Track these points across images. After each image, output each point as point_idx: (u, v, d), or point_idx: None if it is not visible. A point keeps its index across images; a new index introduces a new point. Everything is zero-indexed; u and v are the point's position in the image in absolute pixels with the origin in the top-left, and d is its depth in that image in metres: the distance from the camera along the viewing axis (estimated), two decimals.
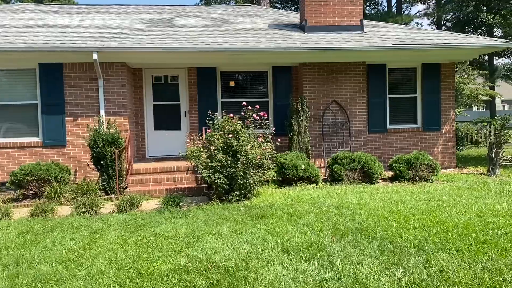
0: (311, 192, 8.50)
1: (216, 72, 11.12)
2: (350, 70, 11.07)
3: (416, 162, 9.68)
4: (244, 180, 7.62)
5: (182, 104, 11.21)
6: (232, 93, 11.41)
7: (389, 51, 10.17)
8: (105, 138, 8.79)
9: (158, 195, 8.80)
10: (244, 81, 11.49)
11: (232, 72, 11.38)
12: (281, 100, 11.23)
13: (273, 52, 9.85)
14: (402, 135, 11.74)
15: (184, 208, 7.60)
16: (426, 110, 11.75)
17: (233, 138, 7.73)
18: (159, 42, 9.70)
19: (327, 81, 10.99)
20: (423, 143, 11.82)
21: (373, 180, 9.59)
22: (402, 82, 11.91)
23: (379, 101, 11.54)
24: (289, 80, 11.34)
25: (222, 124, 8.16)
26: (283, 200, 7.85)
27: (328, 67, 10.99)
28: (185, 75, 11.15)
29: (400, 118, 11.87)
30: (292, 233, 5.65)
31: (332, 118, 11.03)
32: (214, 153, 7.68)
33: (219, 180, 7.52)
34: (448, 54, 10.92)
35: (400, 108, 11.87)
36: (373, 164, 9.53)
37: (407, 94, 11.88)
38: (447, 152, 11.90)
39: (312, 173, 9.40)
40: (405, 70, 11.86)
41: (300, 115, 10.42)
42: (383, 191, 8.56)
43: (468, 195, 7.96)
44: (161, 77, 11.22)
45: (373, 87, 11.49)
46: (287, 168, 9.29)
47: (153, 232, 6.01)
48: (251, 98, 11.38)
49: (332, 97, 11.02)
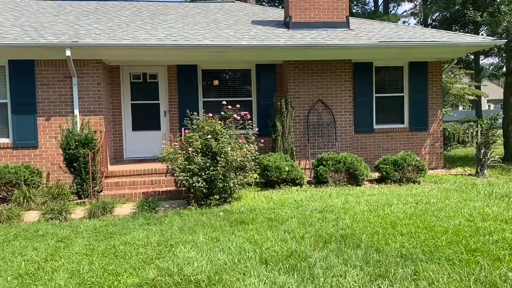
0: (294, 195, 8.15)
1: (197, 70, 10.70)
2: (336, 69, 10.74)
3: (403, 163, 9.39)
4: (223, 184, 7.23)
5: (161, 103, 10.77)
6: (214, 92, 11.01)
7: (375, 49, 9.86)
8: (78, 139, 8.32)
9: (134, 199, 8.36)
10: (226, 80, 11.09)
11: (214, 70, 10.97)
12: (265, 100, 10.86)
13: (256, 49, 9.48)
14: (389, 135, 11.46)
15: (160, 213, 7.18)
16: (413, 109, 11.49)
17: (212, 139, 7.34)
18: (136, 38, 9.25)
19: (312, 80, 10.65)
20: (410, 143, 11.56)
21: (359, 182, 9.27)
22: (389, 80, 11.63)
23: (365, 100, 11.25)
24: (273, 78, 10.98)
25: (201, 125, 7.75)
26: (265, 204, 7.48)
27: (313, 65, 10.65)
28: (164, 73, 10.72)
29: (387, 118, 11.59)
30: (272, 241, 5.28)
31: (318, 118, 10.70)
32: (192, 155, 7.27)
33: (197, 184, 7.11)
34: (436, 52, 10.66)
35: (387, 108, 11.59)
36: (359, 166, 9.21)
37: (394, 93, 11.61)
38: (435, 152, 11.66)
39: (296, 175, 9.05)
40: (392, 69, 11.59)
41: (284, 115, 10.06)
42: (369, 193, 8.24)
43: (456, 197, 7.67)
44: (139, 75, 10.77)
45: (359, 86, 11.19)
46: (270, 170, 8.92)
47: (123, 241, 5.58)
48: (234, 97, 11.00)
49: (317, 96, 10.69)
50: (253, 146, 8.69)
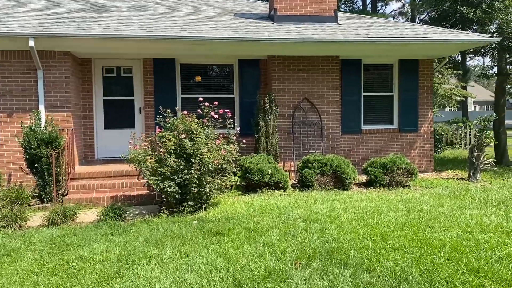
0: (277, 201, 7.53)
1: (175, 64, 10.00)
2: (323, 65, 10.15)
3: (393, 166, 8.85)
4: (199, 189, 6.56)
5: (136, 99, 10.05)
6: (194, 88, 10.32)
7: (365, 44, 9.28)
8: (41, 138, 7.58)
9: (102, 203, 7.65)
10: (207, 75, 10.41)
11: (193, 65, 10.29)
12: (248, 97, 10.22)
13: (238, 42, 8.82)
14: (378, 136, 10.91)
15: (128, 221, 6.50)
16: (403, 109, 10.96)
17: (186, 140, 6.67)
18: (108, 29, 8.52)
19: (298, 77, 10.04)
20: (400, 145, 11.04)
21: (346, 185, 8.70)
22: (378, 79, 11.08)
23: (353, 99, 10.68)
24: (257, 75, 10.34)
25: (175, 123, 7.08)
26: (245, 210, 6.84)
27: (300, 61, 10.04)
28: (140, 67, 10.00)
29: (376, 118, 11.04)
30: (249, 257, 4.65)
31: (303, 117, 10.10)
32: (164, 156, 6.59)
33: (169, 189, 6.44)
34: (428, 49, 10.14)
35: (376, 107, 11.04)
36: (346, 169, 8.63)
37: (383, 92, 11.07)
38: (425, 154, 11.15)
39: (280, 178, 8.43)
40: (382, 67, 11.04)
41: (268, 113, 9.43)
42: (357, 199, 7.66)
43: (450, 204, 7.14)
44: (113, 68, 10.03)
45: (347, 84, 10.62)
46: (252, 173, 8.29)
47: (79, 255, 4.90)
48: (215, 94, 10.33)
49: (303, 94, 10.08)
50: (234, 146, 8.07)
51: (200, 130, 6.87)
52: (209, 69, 10.39)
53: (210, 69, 10.40)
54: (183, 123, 7.02)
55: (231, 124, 8.97)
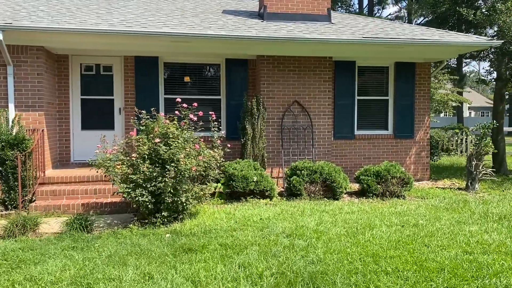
0: (261, 211, 6.96)
1: (158, 63, 9.42)
2: (315, 67, 9.61)
3: (387, 175, 8.31)
4: (174, 198, 5.98)
5: (116, 99, 9.45)
6: (178, 89, 9.74)
7: (359, 45, 8.75)
8: (5, 139, 6.98)
9: (72, 211, 7.05)
10: (192, 75, 9.83)
11: (178, 64, 9.71)
12: (236, 99, 9.66)
13: (224, 40, 8.26)
14: (372, 143, 10.38)
15: (95, 233, 5.91)
16: (398, 115, 10.44)
17: (161, 144, 6.08)
18: (84, 23, 7.93)
19: (288, 78, 9.49)
20: (395, 152, 10.51)
21: (337, 195, 8.15)
22: (372, 82, 10.56)
23: (346, 103, 10.15)
24: (245, 75, 9.78)
25: (151, 125, 6.50)
26: (225, 222, 6.27)
27: (290, 61, 9.49)
28: (120, 65, 9.41)
29: (370, 123, 10.52)
30: (221, 282, 4.07)
31: (293, 121, 9.55)
32: (136, 162, 6.01)
33: (141, 198, 5.85)
34: (425, 52, 9.63)
35: (370, 112, 10.51)
36: (337, 177, 8.09)
37: (378, 96, 10.55)
38: (421, 162, 10.63)
39: (266, 186, 7.87)
40: (377, 69, 10.52)
41: (255, 116, 8.87)
42: (347, 210, 7.11)
43: (448, 218, 6.60)
44: (92, 66, 9.43)
45: (340, 87, 10.09)
46: (235, 180, 7.72)
47: (29, 274, 4.30)
48: (200, 95, 9.78)
49: (293, 96, 9.53)
50: (218, 151, 7.52)
51: (178, 134, 6.29)
52: (194, 68, 9.82)
53: (196, 68, 9.82)
54: (159, 126, 6.44)
55: (215, 127, 8.43)
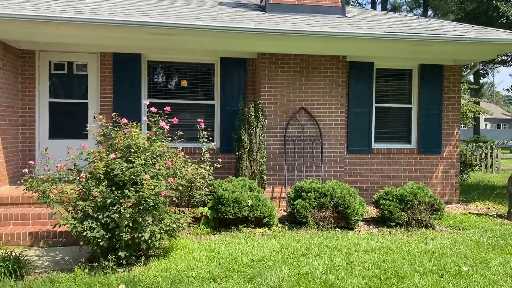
0: (255, 247, 5.44)
1: (140, 61, 8.00)
2: (325, 68, 8.12)
3: (413, 200, 6.75)
4: (134, 234, 4.49)
5: (91, 103, 8.03)
6: (164, 92, 8.32)
7: (379, 41, 7.27)
8: None
9: (17, 242, 5.59)
10: (181, 76, 8.39)
11: (164, 63, 8.29)
12: (232, 105, 8.20)
13: (215, 33, 6.82)
14: (392, 158, 8.83)
15: (30, 277, 4.43)
16: (423, 126, 8.89)
17: (118, 160, 4.61)
18: (46, 10, 6.55)
19: (294, 81, 8.01)
20: (418, 169, 8.94)
21: (352, 224, 6.61)
22: (393, 87, 9.04)
23: (362, 111, 8.63)
24: (244, 77, 8.32)
25: (114, 136, 5.04)
26: (204, 265, 4.75)
27: (296, 61, 8.01)
28: (96, 63, 8.00)
29: (390, 136, 8.97)
30: None
31: (299, 131, 8.04)
32: (86, 184, 4.55)
33: (91, 233, 4.37)
34: (458, 51, 8.11)
35: (390, 122, 8.98)
36: (352, 202, 6.55)
37: (399, 103, 9.01)
38: (449, 182, 9.04)
39: (263, 211, 6.35)
40: (398, 73, 9.00)
41: (253, 125, 7.38)
42: (366, 247, 5.56)
43: (500, 263, 5.02)
44: (63, 64, 8.04)
45: (355, 92, 8.59)
46: (226, 204, 6.22)
47: None
48: (190, 99, 8.35)
49: (299, 102, 8.04)
50: (207, 167, 6.11)
51: (145, 148, 4.81)
52: (184, 68, 8.37)
53: (185, 68, 8.38)
54: (126, 136, 4.98)
55: (204, 138, 6.98)
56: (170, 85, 8.35)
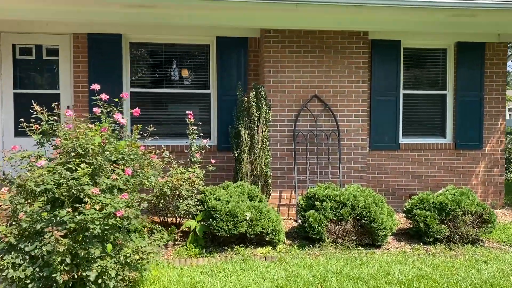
0: (253, 279, 4.12)
1: (121, 43, 6.70)
2: (343, 47, 6.70)
3: (456, 210, 5.33)
4: (77, 272, 3.19)
5: (63, 94, 6.78)
6: (150, 79, 7.03)
7: (413, 11, 5.82)
8: None
9: None
10: (171, 60, 7.08)
11: (150, 45, 6.99)
12: (231, 93, 6.83)
13: (207, 2, 5.46)
14: (423, 155, 7.40)
15: None
16: (460, 116, 7.43)
17: (59, 168, 3.32)
18: None
19: (304, 63, 6.62)
20: (455, 167, 7.49)
21: (379, 240, 5.24)
22: (424, 70, 7.59)
23: (388, 99, 7.22)
24: (245, 60, 6.96)
25: (62, 134, 3.76)
26: None
27: (307, 39, 6.62)
28: (69, 46, 6.73)
29: (420, 128, 7.55)
30: None
31: (312, 124, 6.67)
32: (14, 201, 3.27)
33: (13, 272, 3.09)
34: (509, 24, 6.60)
35: (421, 112, 7.55)
36: (378, 213, 5.16)
37: (431, 89, 7.57)
38: (492, 182, 7.57)
39: (266, 226, 5.01)
40: (430, 53, 7.54)
41: (254, 118, 6.03)
42: (400, 278, 4.19)
43: None
44: (30, 48, 6.80)
45: (379, 76, 7.18)
46: (217, 217, 4.90)
47: None
48: (182, 88, 7.07)
49: (312, 90, 6.66)
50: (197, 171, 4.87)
51: (96, 149, 3.51)
52: (174, 51, 7.06)
53: (176, 51, 7.06)
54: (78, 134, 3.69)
55: (194, 134, 5.67)
56: (158, 72, 7.04)
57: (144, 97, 6.95)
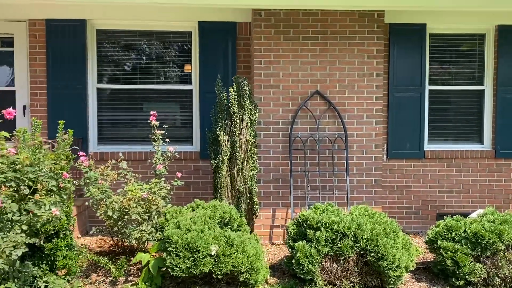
0: None
1: (85, 30, 5.65)
2: (352, 32, 5.42)
3: (497, 243, 3.98)
4: None
5: (19, 91, 5.78)
6: (121, 74, 5.95)
7: None
8: None
9: None
10: (146, 51, 5.98)
11: (120, 33, 5.90)
12: None
13: None
14: (454, 165, 6.02)
15: None
16: (502, 116, 6.01)
17: None
18: None
19: (303, 53, 5.38)
20: (495, 180, 6.07)
21: (390, 282, 3.94)
22: (456, 61, 6.20)
23: (410, 96, 5.89)
24: (232, 50, 5.78)
25: None
26: None
27: (307, 22, 5.37)
28: (25, 35, 5.71)
29: (450, 132, 6.18)
30: None
31: (313, 127, 5.41)
32: None
33: None
34: None
35: (451, 113, 6.17)
36: (389, 247, 3.87)
37: (465, 84, 6.17)
38: None
39: (238, 263, 3.79)
40: (464, 39, 6.16)
41: (235, 119, 4.83)
42: None
43: None
44: None
45: (399, 68, 5.85)
46: (173, 252, 3.73)
47: None
48: (159, 84, 5.95)
49: (313, 85, 5.40)
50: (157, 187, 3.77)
51: None
52: (149, 39, 5.95)
53: (150, 39, 5.96)
54: None
55: (159, 139, 4.55)
56: (130, 65, 5.96)
57: (114, 94, 5.89)
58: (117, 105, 5.88)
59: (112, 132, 5.90)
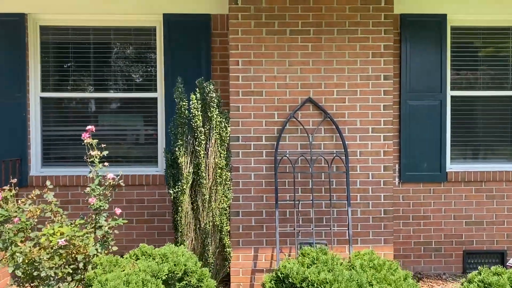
0: None
1: (25, 27, 4.62)
2: (353, 24, 4.28)
3: None
4: None
5: None
6: (71, 80, 4.90)
7: None
8: None
9: None
10: (102, 52, 4.91)
11: (70, 30, 4.86)
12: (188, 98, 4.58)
13: None
14: (485, 189, 4.82)
15: None
16: None
17: None
18: None
19: (292, 51, 4.25)
20: None
21: None
22: (484, 60, 5.03)
23: (428, 104, 4.73)
24: (206, 48, 4.69)
25: None
26: None
27: (296, 13, 4.25)
28: None
29: (479, 148, 4.99)
30: None
31: (304, 144, 4.26)
32: None
33: None
34: None
35: (479, 124, 4.99)
36: None
37: (495, 89, 4.99)
38: None
39: None
40: (492, 34, 4.99)
41: (199, 135, 3.72)
42: None
43: None
44: None
45: (413, 69, 4.72)
46: None
47: None
48: (117, 91, 4.88)
49: (304, 91, 4.26)
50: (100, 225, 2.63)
51: None
52: (105, 38, 4.89)
53: (107, 38, 4.90)
54: None
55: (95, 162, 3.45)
56: (82, 69, 4.89)
57: (63, 105, 4.83)
58: (67, 117, 4.82)
59: (61, 151, 4.83)
